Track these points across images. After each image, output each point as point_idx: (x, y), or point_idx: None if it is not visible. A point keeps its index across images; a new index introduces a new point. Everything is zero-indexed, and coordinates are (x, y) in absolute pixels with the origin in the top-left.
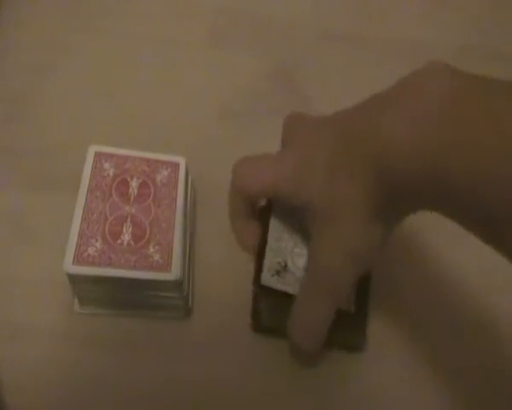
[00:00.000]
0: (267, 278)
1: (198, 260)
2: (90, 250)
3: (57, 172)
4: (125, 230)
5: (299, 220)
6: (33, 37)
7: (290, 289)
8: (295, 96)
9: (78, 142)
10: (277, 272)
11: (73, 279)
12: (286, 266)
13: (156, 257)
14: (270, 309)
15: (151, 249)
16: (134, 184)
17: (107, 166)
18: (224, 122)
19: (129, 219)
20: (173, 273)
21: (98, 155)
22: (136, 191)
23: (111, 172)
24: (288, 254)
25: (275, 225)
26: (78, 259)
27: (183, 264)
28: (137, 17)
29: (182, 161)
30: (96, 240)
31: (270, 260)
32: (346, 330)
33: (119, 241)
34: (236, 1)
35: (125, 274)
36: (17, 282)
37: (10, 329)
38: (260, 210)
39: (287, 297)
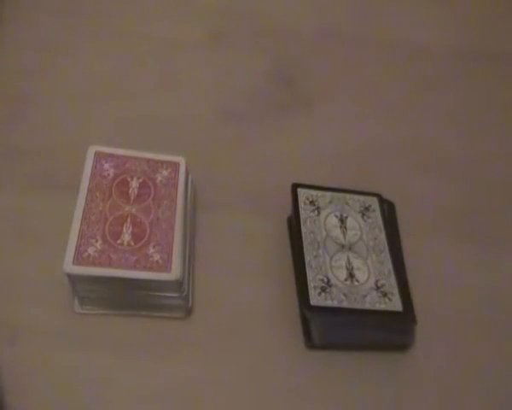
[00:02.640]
0: (315, 298)
1: (198, 260)
2: (90, 250)
3: (57, 172)
4: (125, 230)
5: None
6: (33, 37)
7: (338, 303)
8: (295, 96)
9: (78, 142)
10: (323, 289)
11: (73, 279)
12: (329, 281)
13: (156, 257)
14: (321, 326)
15: (151, 249)
16: (134, 184)
17: (107, 166)
18: (224, 122)
19: (129, 219)
20: (173, 273)
21: (98, 155)
22: (136, 191)
23: (111, 172)
24: (328, 268)
25: (307, 237)
26: (78, 259)
27: (183, 264)
28: (138, 17)
29: (182, 161)
30: (96, 240)
31: (313, 279)
32: (396, 329)
33: (119, 241)
34: (237, 2)
35: (125, 274)
36: (17, 282)
37: (10, 329)
38: (288, 221)
39: (337, 311)
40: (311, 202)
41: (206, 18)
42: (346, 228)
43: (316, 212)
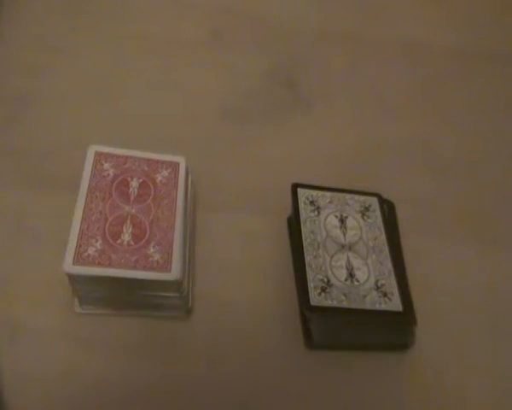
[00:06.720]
0: (315, 298)
1: (198, 260)
2: (90, 250)
3: (57, 172)
4: (125, 230)
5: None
6: (33, 37)
7: (338, 304)
8: (295, 96)
9: (78, 142)
10: (323, 290)
11: (73, 279)
12: (329, 281)
13: (156, 257)
14: (321, 326)
15: (151, 249)
16: (134, 184)
17: (107, 166)
18: (224, 122)
19: (129, 219)
20: (173, 273)
21: (98, 155)
22: (136, 191)
23: (111, 172)
24: (328, 268)
25: (307, 237)
26: (78, 259)
27: (183, 264)
28: (138, 17)
29: (182, 161)
30: (96, 240)
31: (313, 279)
32: (396, 329)
33: (119, 241)
34: (237, 2)
35: (125, 274)
36: (17, 282)
37: (10, 329)
38: (288, 221)
39: (337, 311)
40: (311, 202)
41: (206, 17)
42: (346, 228)
43: (316, 212)
